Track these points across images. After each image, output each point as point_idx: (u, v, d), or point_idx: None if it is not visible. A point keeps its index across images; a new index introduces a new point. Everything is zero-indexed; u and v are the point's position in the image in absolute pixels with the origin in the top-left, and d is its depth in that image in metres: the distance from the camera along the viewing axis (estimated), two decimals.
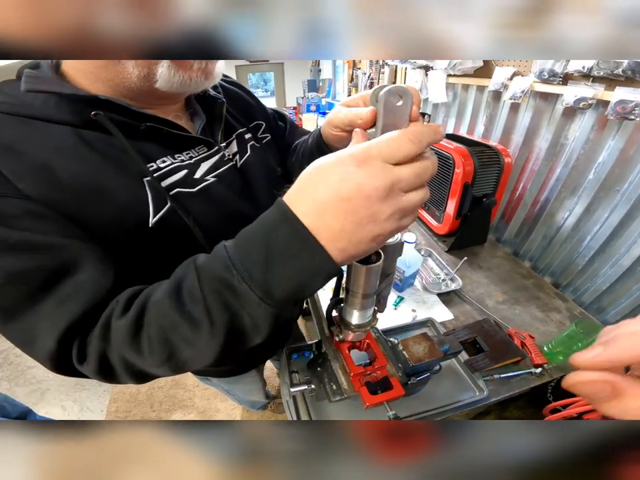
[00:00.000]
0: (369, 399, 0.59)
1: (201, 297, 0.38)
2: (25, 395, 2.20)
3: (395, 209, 0.34)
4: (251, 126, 0.78)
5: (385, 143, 0.33)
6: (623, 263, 1.10)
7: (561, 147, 1.25)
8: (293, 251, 0.35)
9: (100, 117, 0.48)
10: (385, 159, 0.33)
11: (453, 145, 1.34)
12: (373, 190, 0.32)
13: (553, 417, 0.94)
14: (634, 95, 0.93)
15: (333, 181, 0.33)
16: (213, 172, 0.62)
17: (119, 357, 0.43)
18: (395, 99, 0.35)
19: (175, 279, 0.42)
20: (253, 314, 0.38)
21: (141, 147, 0.53)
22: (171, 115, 0.60)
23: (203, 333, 0.39)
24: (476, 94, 1.59)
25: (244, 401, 1.57)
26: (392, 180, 0.32)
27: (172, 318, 0.40)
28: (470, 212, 1.42)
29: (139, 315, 0.42)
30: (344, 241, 0.34)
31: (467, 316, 1.18)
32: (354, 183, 0.32)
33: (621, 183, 1.06)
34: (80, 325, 0.44)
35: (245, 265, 0.36)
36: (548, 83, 1.19)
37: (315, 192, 0.34)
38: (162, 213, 0.53)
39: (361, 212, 0.32)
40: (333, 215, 0.33)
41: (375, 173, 0.32)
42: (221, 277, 0.37)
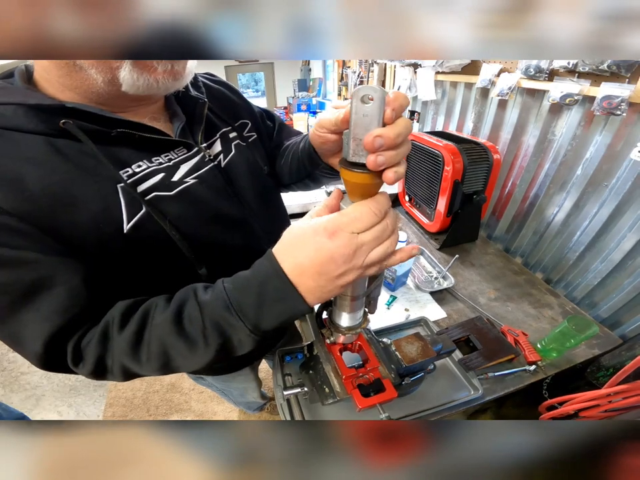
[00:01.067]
0: (362, 401, 0.58)
1: (201, 325, 0.47)
2: (20, 400, 2.18)
3: (359, 265, 0.42)
4: (236, 125, 0.77)
5: (352, 218, 0.40)
6: (613, 257, 1.10)
7: (548, 143, 1.25)
8: (280, 298, 0.44)
9: (68, 125, 0.48)
10: (351, 230, 0.40)
11: (443, 143, 1.34)
12: (340, 256, 0.40)
13: (549, 414, 0.94)
14: (620, 90, 0.93)
15: (309, 251, 0.41)
16: (193, 173, 0.62)
17: (119, 363, 0.49)
18: (364, 100, 0.34)
19: (175, 305, 0.49)
20: (242, 339, 0.48)
21: (114, 153, 0.53)
22: (147, 118, 0.60)
23: (198, 351, 0.48)
24: (464, 91, 1.59)
25: (240, 402, 1.56)
26: (356, 246, 0.40)
27: (172, 338, 0.47)
28: (460, 209, 1.42)
29: (139, 331, 0.48)
30: (318, 292, 0.44)
31: (460, 314, 1.19)
32: (326, 252, 0.40)
33: (609, 178, 1.07)
34: (65, 333, 0.48)
35: (241, 307, 0.45)
36: (534, 79, 1.19)
37: (296, 257, 0.43)
38: (137, 219, 0.53)
39: (332, 272, 0.42)
40: (310, 276, 0.42)
41: (343, 243, 0.40)
42: (221, 314, 0.46)
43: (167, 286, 0.54)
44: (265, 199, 0.77)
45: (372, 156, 0.36)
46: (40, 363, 0.49)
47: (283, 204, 0.93)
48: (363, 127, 0.35)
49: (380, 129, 0.35)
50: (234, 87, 0.85)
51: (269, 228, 0.76)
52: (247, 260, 0.47)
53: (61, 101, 0.50)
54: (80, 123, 0.49)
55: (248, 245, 0.70)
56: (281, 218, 0.90)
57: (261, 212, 0.75)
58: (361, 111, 0.35)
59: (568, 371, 0.98)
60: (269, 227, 0.76)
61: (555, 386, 1.02)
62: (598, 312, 1.19)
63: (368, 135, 0.35)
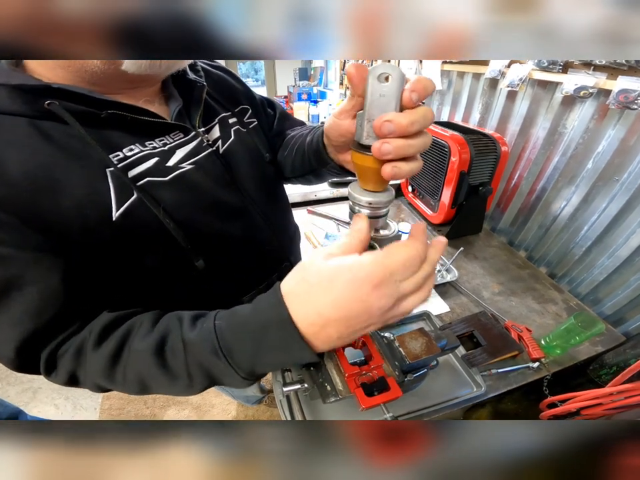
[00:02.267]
0: (365, 401, 0.57)
1: (184, 365, 0.43)
2: (16, 394, 2.17)
3: (391, 316, 0.37)
4: (236, 110, 0.74)
5: (402, 264, 0.35)
6: (621, 253, 1.08)
7: (559, 135, 1.22)
8: (283, 349, 0.39)
9: (54, 106, 0.44)
10: (397, 279, 0.35)
11: (449, 133, 1.31)
12: (378, 310, 0.35)
13: (550, 411, 0.93)
14: (637, 84, 0.90)
15: (343, 300, 0.35)
16: (190, 159, 0.58)
17: (92, 382, 0.47)
18: (381, 79, 0.31)
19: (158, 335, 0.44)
20: (232, 383, 0.44)
21: (104, 136, 0.49)
22: (141, 100, 0.56)
23: (179, 386, 0.45)
24: (472, 81, 1.55)
25: (238, 396, 1.56)
26: (397, 298, 0.35)
27: (151, 369, 0.44)
28: (465, 201, 1.40)
29: (116, 353, 0.45)
30: (339, 342, 0.38)
31: (463, 308, 1.17)
32: (364, 305, 0.34)
33: (620, 172, 1.04)
34: (40, 338, 0.45)
35: (233, 354, 0.40)
36: (547, 71, 1.15)
37: (321, 305, 0.36)
38: (127, 205, 0.50)
39: (362, 324, 0.36)
40: (334, 328, 0.36)
41: (386, 294, 0.34)
42: (208, 358, 0.41)
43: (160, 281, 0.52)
44: (265, 187, 0.74)
45: (377, 142, 0.33)
46: (13, 367, 0.47)
47: (285, 193, 0.90)
48: (379, 108, 0.33)
49: (392, 113, 0.32)
50: (234, 73, 0.81)
51: (269, 218, 0.73)
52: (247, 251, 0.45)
53: (48, 81, 0.46)
54: (66, 104, 0.45)
55: (248, 235, 0.67)
56: (283, 207, 0.87)
57: (262, 201, 0.72)
58: (378, 90, 0.32)
59: (569, 368, 0.96)
60: (269, 217, 0.73)
61: (555, 383, 1.00)
62: (602, 308, 1.17)
63: (378, 118, 0.32)
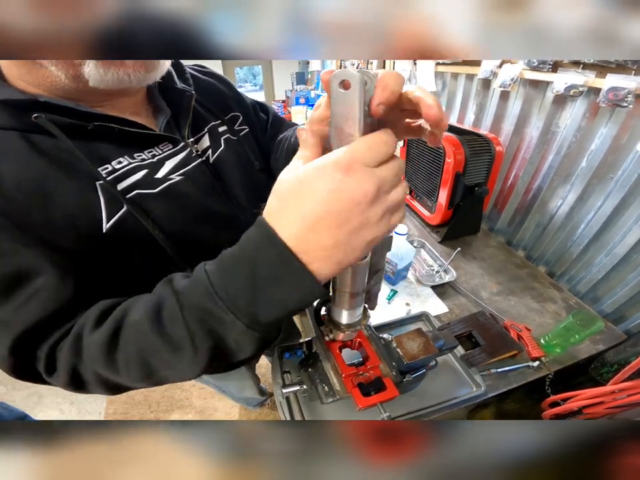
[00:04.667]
0: (362, 401, 0.57)
1: (183, 324, 0.37)
2: (22, 398, 2.18)
3: (384, 210, 0.33)
4: (226, 118, 0.74)
5: (366, 147, 0.31)
6: (618, 251, 1.08)
7: (552, 134, 1.23)
8: (280, 277, 0.34)
9: (41, 119, 0.45)
10: (367, 163, 0.31)
11: (444, 134, 1.31)
12: (362, 196, 0.31)
13: (552, 410, 0.93)
14: (626, 81, 0.91)
15: (320, 194, 0.31)
16: (179, 170, 0.59)
17: (93, 372, 0.42)
18: (340, 85, 0.31)
19: (153, 301, 0.40)
20: (239, 339, 0.37)
21: (92, 149, 0.50)
22: (128, 112, 0.57)
23: (185, 358, 0.39)
24: (465, 82, 1.56)
25: (239, 398, 1.56)
26: (378, 183, 0.31)
27: (152, 342, 0.39)
28: (462, 201, 1.40)
29: (114, 333, 0.41)
30: (339, 254, 0.33)
31: (461, 308, 1.17)
32: (345, 193, 0.31)
33: (614, 170, 1.05)
34: (38, 333, 0.43)
35: (230, 294, 0.35)
36: (537, 70, 1.17)
37: (301, 208, 0.32)
38: (117, 217, 0.50)
39: (354, 220, 0.31)
40: (325, 231, 0.32)
41: (362, 178, 0.31)
42: (204, 307, 0.36)
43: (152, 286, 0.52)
44: (256, 195, 0.74)
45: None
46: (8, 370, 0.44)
47: None
48: (343, 115, 0.32)
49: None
50: (225, 79, 0.83)
51: None
52: None
53: (34, 95, 0.47)
54: (53, 117, 0.46)
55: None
56: None
57: (252, 210, 0.72)
58: (341, 97, 0.31)
59: (571, 367, 0.96)
60: None
61: (557, 382, 1.00)
62: (602, 306, 1.17)
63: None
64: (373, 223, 0.32)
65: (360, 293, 0.50)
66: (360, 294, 0.50)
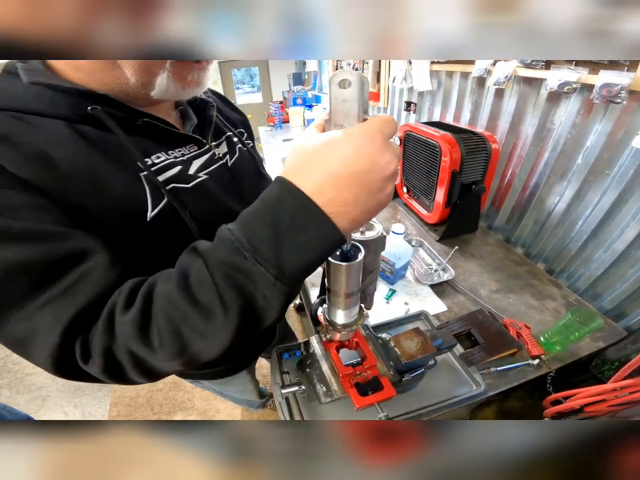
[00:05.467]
0: (359, 400, 0.57)
1: (212, 284, 0.37)
2: (26, 402, 2.20)
3: (394, 180, 0.38)
4: (236, 131, 0.81)
5: (383, 122, 0.36)
6: (617, 247, 1.08)
7: (547, 131, 1.23)
8: (301, 225, 0.35)
9: (97, 111, 0.49)
10: (386, 135, 0.36)
11: (440, 133, 1.32)
12: (385, 163, 0.35)
13: (553, 408, 0.93)
14: (619, 78, 0.91)
15: (347, 156, 0.34)
16: (204, 169, 0.64)
17: (127, 352, 0.40)
18: (342, 85, 0.34)
19: (180, 268, 0.40)
20: (267, 295, 0.37)
21: (136, 143, 0.54)
22: (162, 114, 0.61)
23: (217, 322, 0.38)
24: (460, 80, 1.56)
25: (240, 401, 1.56)
26: (397, 154, 0.37)
27: (182, 308, 0.38)
28: (459, 199, 1.40)
29: (146, 307, 0.40)
30: (356, 211, 0.36)
31: (460, 307, 1.17)
32: (369, 156, 0.34)
33: (610, 166, 1.04)
34: (85, 318, 0.41)
35: (254, 246, 0.35)
36: (531, 67, 1.17)
37: (328, 166, 0.35)
38: (159, 207, 0.54)
39: (375, 183, 0.36)
40: (348, 188, 0.35)
41: (384, 147, 0.35)
42: (232, 261, 0.36)
43: None
44: None
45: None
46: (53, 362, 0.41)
47: None
48: (343, 113, 0.35)
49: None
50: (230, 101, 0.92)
51: None
52: None
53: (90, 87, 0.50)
54: (108, 110, 0.50)
55: None
56: None
57: None
58: (340, 96, 0.34)
59: (572, 364, 0.96)
60: None
61: (559, 380, 1.00)
62: (602, 303, 1.17)
63: None
64: (386, 189, 0.37)
65: (355, 293, 0.50)
66: (355, 294, 0.50)
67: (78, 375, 0.43)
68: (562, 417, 0.94)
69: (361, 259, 0.44)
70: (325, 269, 0.48)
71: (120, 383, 0.44)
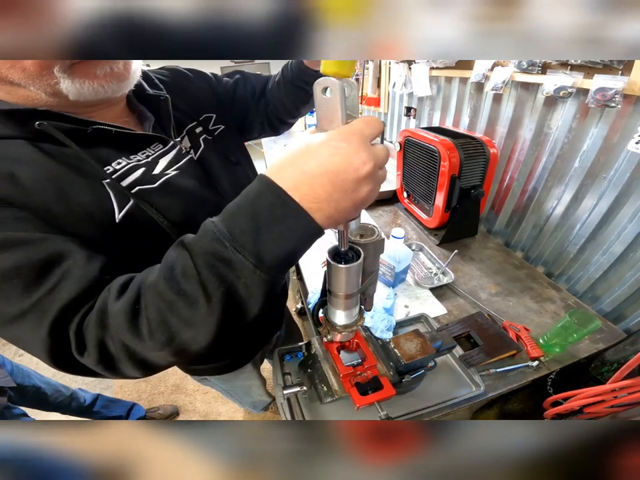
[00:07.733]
0: (359, 399, 0.58)
1: (195, 273, 0.39)
2: None
3: (375, 182, 0.39)
4: (200, 119, 0.80)
5: (364, 123, 0.38)
6: (615, 249, 1.09)
7: (545, 136, 1.25)
8: (278, 217, 0.37)
9: (44, 126, 0.49)
10: (365, 135, 0.37)
11: (439, 138, 1.34)
12: (359, 161, 0.36)
13: (553, 410, 0.93)
14: (613, 82, 0.92)
15: (322, 156, 0.36)
16: (173, 165, 0.65)
17: (119, 342, 0.43)
18: (323, 91, 0.36)
19: (166, 261, 0.43)
20: (248, 283, 0.39)
21: (93, 152, 0.54)
22: (118, 122, 0.61)
23: (201, 310, 0.40)
24: (459, 86, 1.58)
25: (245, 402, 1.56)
26: (374, 158, 0.37)
27: (168, 298, 0.40)
28: (459, 204, 1.42)
29: (136, 299, 0.42)
30: (331, 209, 0.38)
31: (460, 310, 1.18)
32: (343, 156, 0.36)
33: (607, 170, 1.06)
34: (71, 312, 0.43)
35: (235, 235, 0.38)
36: (527, 72, 1.18)
37: (304, 165, 0.37)
38: (126, 209, 0.55)
39: (348, 183, 0.37)
40: (321, 186, 0.36)
41: (360, 147, 0.36)
42: (214, 250, 0.38)
43: None
44: (237, 185, 0.79)
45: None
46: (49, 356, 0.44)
47: None
48: (327, 119, 0.38)
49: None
50: (187, 74, 0.86)
51: None
52: None
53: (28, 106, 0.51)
54: (55, 123, 0.50)
55: None
56: None
57: None
58: (324, 103, 0.37)
59: (572, 366, 0.97)
60: None
61: (559, 381, 1.01)
62: (601, 305, 1.18)
63: None
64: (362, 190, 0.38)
65: (354, 294, 0.51)
66: (355, 295, 0.52)
67: (75, 367, 0.46)
68: (562, 419, 0.94)
69: (360, 261, 0.46)
70: (326, 271, 0.50)
71: (116, 376, 0.47)
